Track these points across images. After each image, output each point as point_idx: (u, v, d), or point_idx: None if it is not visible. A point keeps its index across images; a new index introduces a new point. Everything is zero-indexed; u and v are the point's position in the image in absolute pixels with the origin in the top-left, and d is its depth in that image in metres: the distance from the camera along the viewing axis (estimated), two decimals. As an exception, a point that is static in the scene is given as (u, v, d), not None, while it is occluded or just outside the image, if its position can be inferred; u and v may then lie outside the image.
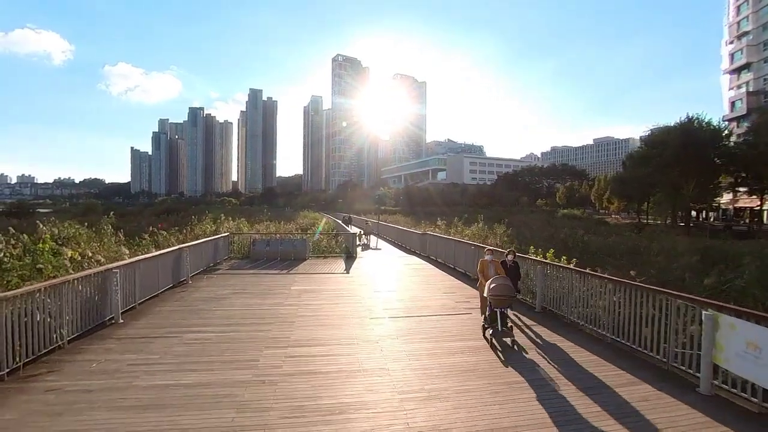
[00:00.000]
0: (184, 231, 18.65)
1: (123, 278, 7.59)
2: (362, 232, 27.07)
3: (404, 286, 10.87)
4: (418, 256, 17.59)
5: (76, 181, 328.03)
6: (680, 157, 39.49)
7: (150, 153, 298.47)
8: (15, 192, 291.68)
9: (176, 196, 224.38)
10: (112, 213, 19.45)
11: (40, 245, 9.41)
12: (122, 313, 7.38)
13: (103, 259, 9.43)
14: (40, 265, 8.53)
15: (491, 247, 9.61)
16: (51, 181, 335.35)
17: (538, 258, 9.38)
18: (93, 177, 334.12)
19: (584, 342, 6.48)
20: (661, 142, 43.87)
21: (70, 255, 9.50)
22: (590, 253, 18.91)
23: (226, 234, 15.93)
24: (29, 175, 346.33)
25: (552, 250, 9.59)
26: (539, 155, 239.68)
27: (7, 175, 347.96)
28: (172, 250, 10.28)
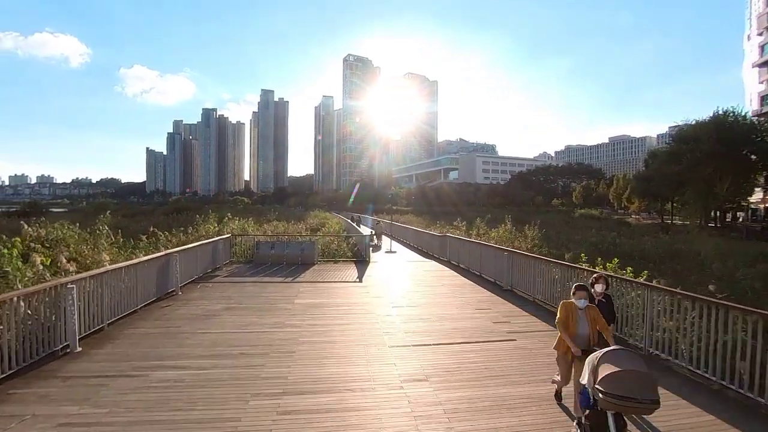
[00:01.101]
0: (188, 232, 17.41)
1: (86, 294, 6.17)
2: (373, 233, 25.77)
3: (427, 300, 9.25)
4: (438, 260, 15.94)
5: (93, 181, 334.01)
6: (714, 153, 36.88)
7: (165, 153, 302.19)
8: (34, 192, 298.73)
9: (190, 195, 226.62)
10: (108, 212, 18.34)
11: (6, 250, 8.09)
12: (82, 339, 5.94)
13: (73, 269, 8.04)
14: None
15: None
16: (69, 181, 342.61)
17: (626, 276, 7.49)
18: (109, 177, 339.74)
19: (694, 393, 4.76)
20: (692, 137, 41.22)
21: (39, 261, 8.16)
22: (625, 257, 17.05)
23: (227, 236, 14.54)
24: (48, 176, 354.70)
25: (616, 260, 7.84)
26: (552, 154, 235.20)
27: (27, 176, 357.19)
28: (158, 257, 8.85)
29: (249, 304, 8.49)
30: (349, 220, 34.14)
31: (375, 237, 25.32)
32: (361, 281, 11.30)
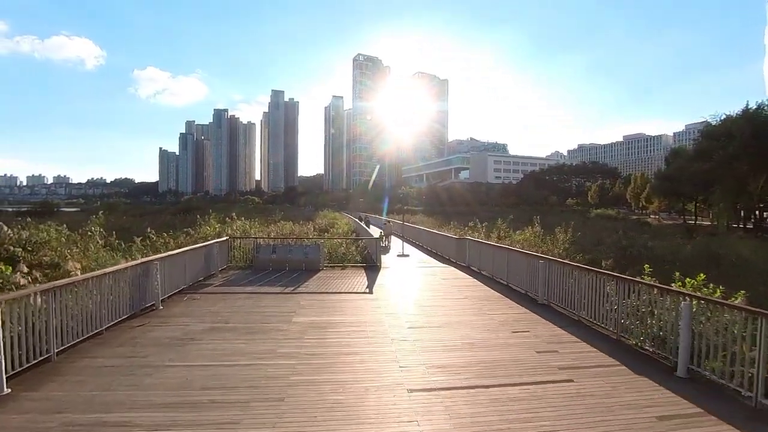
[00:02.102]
0: (189, 233, 16.24)
1: (26, 314, 4.87)
2: (382, 234, 24.38)
3: (449, 317, 7.75)
4: (456, 265, 14.44)
5: (108, 181, 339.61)
6: (748, 149, 34.49)
7: (177, 153, 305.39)
8: (50, 192, 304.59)
9: (201, 194, 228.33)
10: (101, 212, 17.22)
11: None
12: (15, 375, 4.64)
13: (26, 281, 6.77)
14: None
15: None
16: (84, 181, 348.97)
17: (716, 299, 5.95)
18: (123, 177, 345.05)
19: None
20: (722, 133, 38.80)
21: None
22: (659, 262, 15.29)
23: (224, 239, 13.26)
24: (64, 176, 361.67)
25: (701, 277, 6.22)
26: (565, 153, 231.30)
27: (44, 176, 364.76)
28: (133, 266, 7.54)
29: (238, 323, 7.12)
30: (357, 220, 32.79)
31: (384, 238, 23.97)
32: (371, 292, 9.86)
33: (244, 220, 20.01)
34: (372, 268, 13.46)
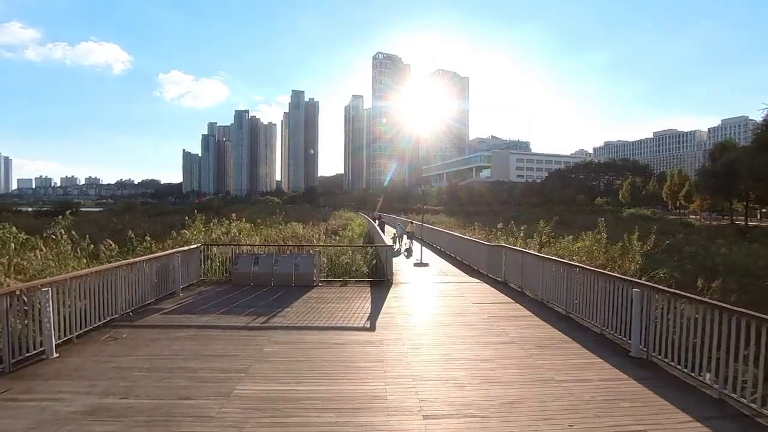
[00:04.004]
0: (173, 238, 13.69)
1: None
2: (395, 235, 21.71)
3: (498, 392, 4.65)
4: (488, 280, 11.35)
5: (136, 182, 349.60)
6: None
7: (200, 155, 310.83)
8: (82, 193, 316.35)
9: (223, 195, 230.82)
10: (68, 212, 14.98)
11: None
12: None
13: None
14: None
15: None
16: (113, 182, 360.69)
17: None
18: (150, 178, 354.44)
19: None
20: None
21: None
22: (745, 274, 11.70)
23: (194, 246, 10.57)
24: (95, 177, 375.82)
25: None
26: (590, 151, 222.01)
27: (76, 177, 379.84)
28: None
29: (142, 397, 4.29)
30: (370, 220, 29.88)
31: (398, 240, 21.11)
32: (371, 328, 6.85)
33: (243, 222, 17.45)
34: (380, 284, 10.51)
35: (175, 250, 9.66)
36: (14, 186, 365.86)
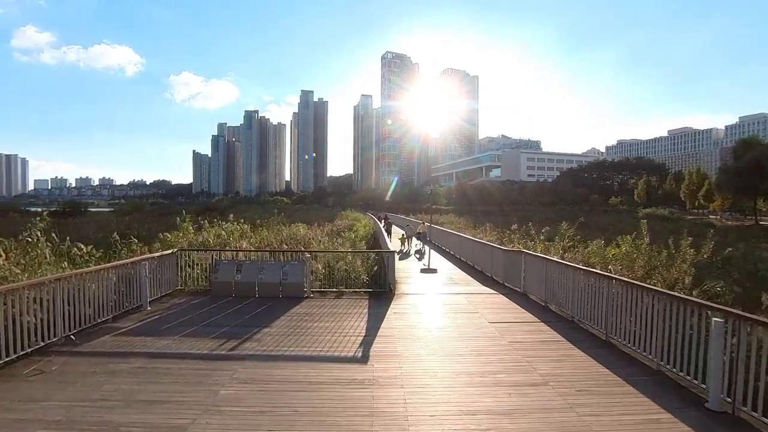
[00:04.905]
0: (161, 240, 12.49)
1: None
2: (403, 235, 20.44)
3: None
4: (505, 290, 9.89)
5: (148, 183, 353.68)
6: None
7: (209, 155, 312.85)
8: (95, 193, 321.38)
9: (232, 195, 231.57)
10: (45, 212, 13.91)
11: None
12: None
13: None
14: None
15: None
16: (126, 183, 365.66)
17: None
18: (161, 179, 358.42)
19: None
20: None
21: None
22: None
23: (169, 252, 9.30)
24: (109, 178, 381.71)
25: None
26: (603, 150, 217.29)
27: (90, 178, 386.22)
28: None
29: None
30: (377, 221, 28.52)
31: (407, 241, 19.77)
32: (363, 359, 5.47)
33: (243, 223, 16.20)
34: (381, 295, 9.12)
35: (142, 256, 8.39)
36: (31, 186, 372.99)
